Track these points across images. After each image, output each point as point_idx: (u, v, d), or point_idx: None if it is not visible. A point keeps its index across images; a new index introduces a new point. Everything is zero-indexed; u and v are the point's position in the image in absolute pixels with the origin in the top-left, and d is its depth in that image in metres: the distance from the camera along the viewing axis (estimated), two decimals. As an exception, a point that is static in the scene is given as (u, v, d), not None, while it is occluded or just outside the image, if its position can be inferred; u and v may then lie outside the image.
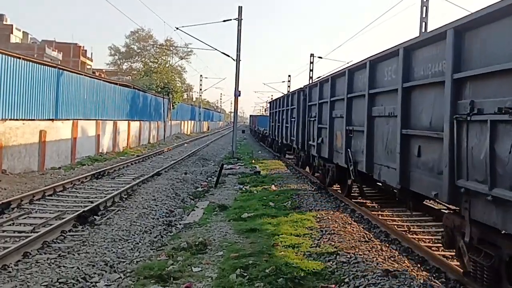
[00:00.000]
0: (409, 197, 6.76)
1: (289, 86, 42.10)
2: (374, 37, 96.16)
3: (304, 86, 14.77)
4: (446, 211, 6.29)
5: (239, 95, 23.91)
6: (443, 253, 6.28)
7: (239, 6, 23.08)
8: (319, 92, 11.95)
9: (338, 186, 11.30)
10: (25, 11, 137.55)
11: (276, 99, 24.69)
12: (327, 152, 10.79)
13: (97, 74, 40.05)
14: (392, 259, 6.10)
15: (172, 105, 42.17)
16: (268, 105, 31.23)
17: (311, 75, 31.33)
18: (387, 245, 6.90)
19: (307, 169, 15.63)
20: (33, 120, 15.33)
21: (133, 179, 14.51)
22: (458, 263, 5.49)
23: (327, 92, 10.92)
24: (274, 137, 24.33)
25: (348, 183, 10.13)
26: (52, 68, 17.31)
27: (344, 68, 9.74)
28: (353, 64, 9.07)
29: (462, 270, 5.19)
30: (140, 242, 7.71)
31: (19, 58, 14.86)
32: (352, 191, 10.52)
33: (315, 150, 12.10)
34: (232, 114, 35.82)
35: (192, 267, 5.98)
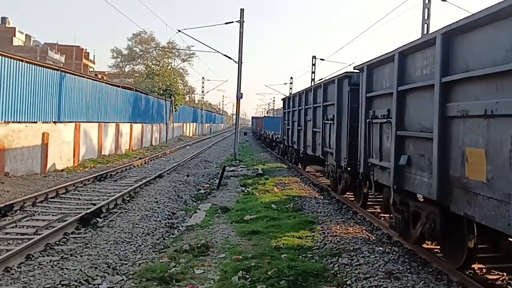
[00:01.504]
0: None
1: (291, 88, 42.19)
2: (376, 40, 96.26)
3: (357, 67, 8.87)
4: None
5: (241, 97, 23.89)
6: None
7: (241, 9, 23.09)
8: (397, 70, 6.77)
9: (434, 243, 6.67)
10: (28, 14, 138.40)
11: (295, 94, 18.33)
12: (432, 188, 5.57)
13: (99, 76, 40.13)
14: None
15: (174, 108, 42.29)
16: (282, 102, 24.02)
17: (313, 77, 31.39)
18: None
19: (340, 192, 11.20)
20: (36, 122, 15.38)
21: (135, 181, 14.53)
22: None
23: (427, 68, 5.98)
24: (292, 144, 18.39)
25: (469, 246, 5.44)
26: (55, 71, 17.36)
27: (497, 4, 4.29)
28: None
29: None
30: (142, 244, 7.72)
31: (22, 61, 14.92)
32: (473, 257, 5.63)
33: (391, 177, 6.96)
34: (234, 116, 35.74)
35: (194, 269, 5.98)
